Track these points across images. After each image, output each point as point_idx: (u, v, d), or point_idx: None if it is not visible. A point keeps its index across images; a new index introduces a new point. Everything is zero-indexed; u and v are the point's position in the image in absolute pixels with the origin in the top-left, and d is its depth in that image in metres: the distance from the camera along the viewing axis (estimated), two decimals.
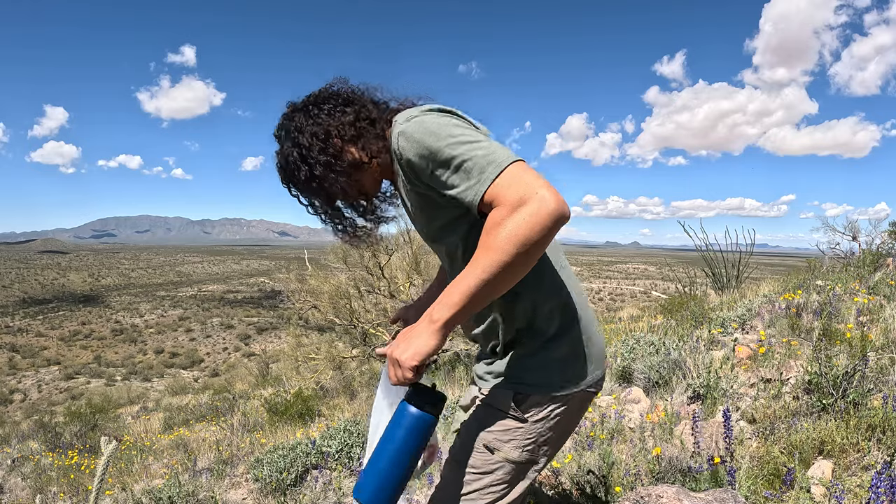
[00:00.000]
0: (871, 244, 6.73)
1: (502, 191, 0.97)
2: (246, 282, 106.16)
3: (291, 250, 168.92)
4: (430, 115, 1.10)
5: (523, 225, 0.94)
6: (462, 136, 1.04)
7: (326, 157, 1.20)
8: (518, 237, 0.95)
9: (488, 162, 1.00)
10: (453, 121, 1.08)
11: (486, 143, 1.03)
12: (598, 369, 1.26)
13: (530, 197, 0.95)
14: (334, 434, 3.68)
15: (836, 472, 2.09)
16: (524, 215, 0.94)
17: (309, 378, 9.71)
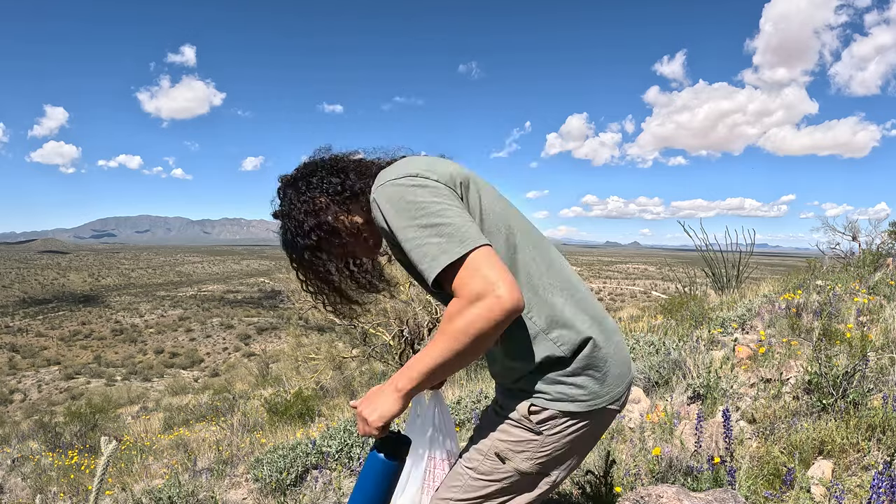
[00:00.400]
0: (871, 244, 6.73)
1: (460, 283, 1.02)
2: (246, 282, 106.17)
3: None
4: (396, 184, 1.13)
5: (478, 320, 1.00)
6: (424, 216, 1.07)
7: (321, 231, 1.26)
8: (472, 330, 1.01)
9: (446, 249, 1.03)
10: (417, 194, 1.10)
11: (448, 223, 1.06)
12: (618, 386, 1.22)
13: (487, 294, 0.99)
14: (334, 434, 3.68)
15: (836, 472, 2.09)
16: (480, 310, 1.00)
17: (309, 378, 9.71)
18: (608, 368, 1.20)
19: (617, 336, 1.26)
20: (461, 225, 1.06)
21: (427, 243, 1.05)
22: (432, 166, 1.17)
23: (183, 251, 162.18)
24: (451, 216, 1.07)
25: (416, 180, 1.12)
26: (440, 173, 1.16)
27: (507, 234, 1.19)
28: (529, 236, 1.24)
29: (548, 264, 1.23)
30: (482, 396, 4.20)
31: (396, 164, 1.21)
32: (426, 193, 1.10)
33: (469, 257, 1.02)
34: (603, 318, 1.24)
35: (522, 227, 1.24)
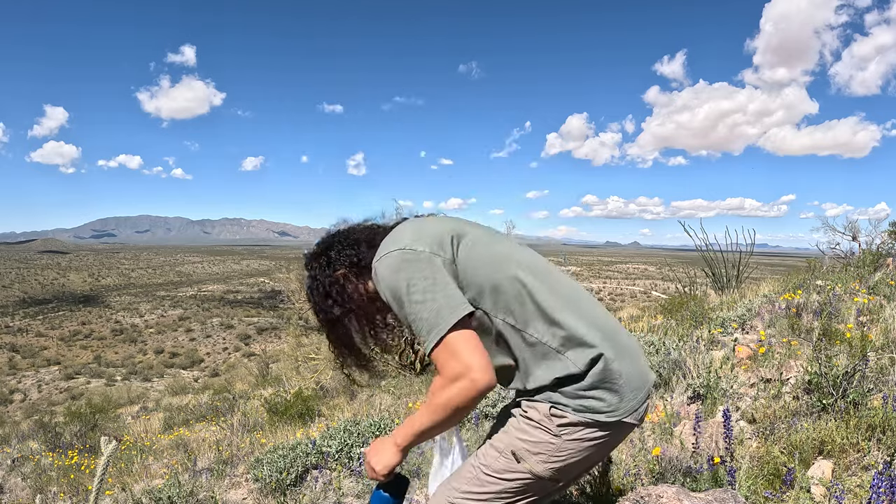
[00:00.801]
0: (871, 244, 6.73)
1: (443, 362, 1.17)
2: (246, 282, 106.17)
3: (291, 250, 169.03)
4: (388, 258, 1.26)
5: (456, 398, 1.15)
6: (413, 293, 1.20)
7: (341, 302, 1.39)
8: (451, 406, 1.17)
9: (431, 326, 1.18)
10: (404, 269, 1.23)
11: (431, 299, 1.19)
12: (633, 400, 1.25)
13: (463, 375, 1.14)
14: (334, 434, 3.68)
15: (836, 472, 2.09)
16: (458, 390, 1.15)
17: (309, 378, 9.71)
18: (623, 382, 1.24)
19: (631, 351, 1.30)
20: (442, 303, 1.18)
21: (418, 319, 1.19)
22: (420, 234, 1.29)
23: (183, 251, 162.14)
24: (433, 292, 1.19)
25: (406, 254, 1.25)
26: (428, 241, 1.27)
27: (512, 273, 1.27)
28: (535, 267, 1.31)
29: (556, 289, 1.29)
30: None
31: (392, 234, 1.34)
32: (412, 268, 1.23)
33: (448, 338, 1.16)
34: (615, 334, 1.29)
35: (526, 261, 1.32)
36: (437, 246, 1.27)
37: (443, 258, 1.25)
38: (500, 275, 1.27)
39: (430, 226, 1.33)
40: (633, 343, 1.34)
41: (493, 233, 1.40)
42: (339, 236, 1.45)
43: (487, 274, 1.26)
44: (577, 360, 1.22)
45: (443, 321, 1.16)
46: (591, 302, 1.34)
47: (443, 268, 1.23)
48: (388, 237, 1.34)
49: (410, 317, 1.20)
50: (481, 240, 1.33)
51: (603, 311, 1.35)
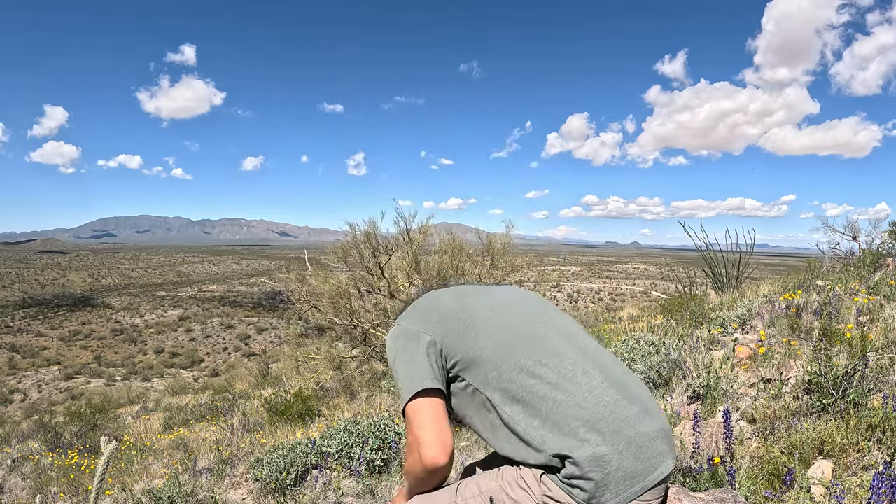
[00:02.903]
0: (871, 244, 6.73)
1: (406, 432, 1.32)
2: (246, 282, 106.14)
3: (291, 250, 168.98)
4: (392, 333, 1.44)
5: (412, 468, 1.30)
6: (396, 367, 1.37)
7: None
8: (410, 475, 1.33)
9: (401, 393, 1.32)
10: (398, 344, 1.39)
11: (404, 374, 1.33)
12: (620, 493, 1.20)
13: (414, 450, 1.26)
14: (334, 434, 3.68)
15: (836, 472, 2.09)
16: (412, 461, 1.28)
17: (309, 378, 9.70)
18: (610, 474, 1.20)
19: (638, 443, 1.23)
20: (408, 378, 1.31)
21: (397, 383, 1.36)
22: (419, 316, 1.43)
23: (183, 251, 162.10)
24: (408, 365, 1.33)
25: (397, 329, 1.43)
26: (424, 323, 1.40)
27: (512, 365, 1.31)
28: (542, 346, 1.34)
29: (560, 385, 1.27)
30: None
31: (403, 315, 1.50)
32: (400, 344, 1.39)
33: (408, 406, 1.29)
34: (621, 427, 1.23)
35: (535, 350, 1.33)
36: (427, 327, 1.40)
37: (428, 335, 1.38)
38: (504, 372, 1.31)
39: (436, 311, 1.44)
40: (648, 429, 1.26)
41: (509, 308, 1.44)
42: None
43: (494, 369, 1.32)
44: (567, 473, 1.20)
45: (405, 393, 1.29)
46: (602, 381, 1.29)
47: (426, 346, 1.35)
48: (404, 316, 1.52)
49: (395, 377, 1.38)
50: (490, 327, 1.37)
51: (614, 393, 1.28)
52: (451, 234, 10.46)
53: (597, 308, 47.88)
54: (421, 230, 9.80)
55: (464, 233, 13.36)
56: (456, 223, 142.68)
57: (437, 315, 1.41)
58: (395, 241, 9.73)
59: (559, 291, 63.44)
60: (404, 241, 9.70)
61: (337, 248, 10.03)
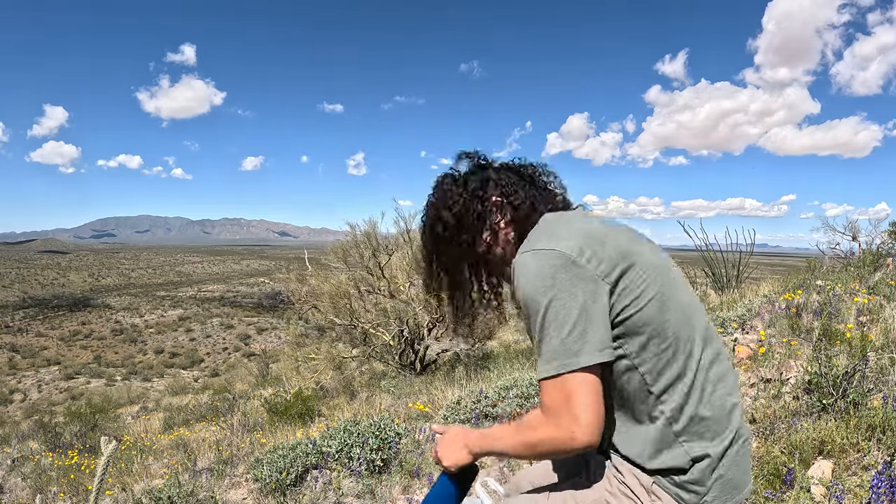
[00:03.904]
0: (871, 244, 6.73)
1: (550, 401, 1.04)
2: (246, 282, 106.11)
3: (291, 250, 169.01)
4: (540, 258, 1.05)
5: (547, 445, 1.05)
6: (552, 311, 1.02)
7: (479, 230, 1.22)
8: (540, 449, 1.07)
9: (556, 356, 1.02)
10: (562, 282, 1.02)
11: (570, 329, 1.01)
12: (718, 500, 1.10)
13: (565, 426, 1.02)
14: (334, 434, 3.68)
15: (836, 472, 2.09)
16: (552, 439, 1.04)
17: (309, 378, 9.71)
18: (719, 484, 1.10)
19: (747, 449, 1.15)
20: (579, 335, 1.01)
21: (546, 339, 1.03)
22: (592, 243, 1.06)
23: (183, 251, 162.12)
24: (574, 321, 1.01)
25: (563, 259, 1.03)
26: (600, 256, 1.05)
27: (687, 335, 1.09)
28: (708, 335, 1.14)
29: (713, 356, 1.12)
30: (482, 396, 4.20)
31: (554, 221, 1.14)
32: (565, 283, 1.02)
33: (566, 378, 1.01)
34: (740, 425, 1.14)
35: (703, 324, 1.14)
36: (608, 268, 1.05)
37: (604, 285, 1.04)
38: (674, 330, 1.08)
39: (610, 238, 1.09)
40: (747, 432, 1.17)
41: (668, 265, 1.15)
42: (523, 172, 1.24)
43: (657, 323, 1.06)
44: (692, 454, 1.08)
45: (572, 357, 1.00)
46: (730, 368, 1.17)
47: (600, 295, 1.03)
48: (548, 222, 1.14)
49: (537, 334, 1.04)
50: (658, 275, 1.09)
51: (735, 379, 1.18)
52: None
53: None
54: None
55: None
56: None
57: (604, 254, 1.06)
58: (395, 241, 9.74)
59: None
60: (404, 241, 9.70)
61: (337, 249, 10.04)
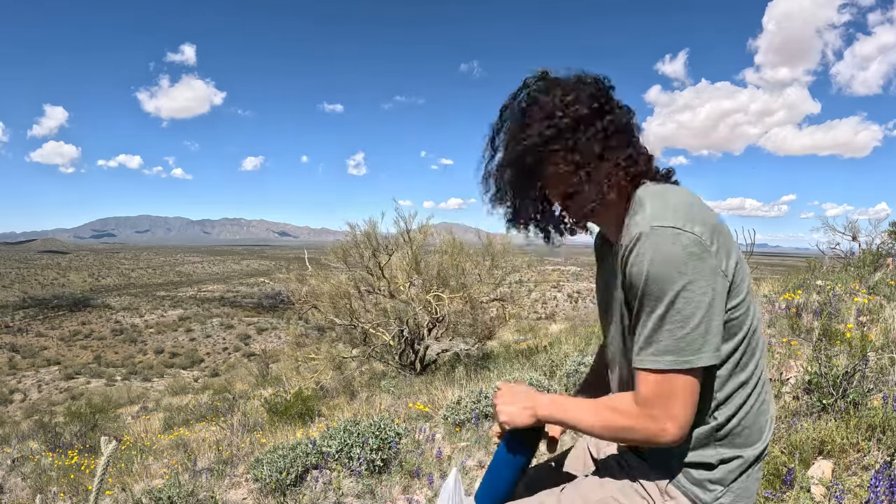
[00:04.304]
0: (871, 244, 6.72)
1: (650, 393, 0.99)
2: (246, 282, 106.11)
3: (291, 250, 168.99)
4: (677, 236, 0.95)
5: (635, 434, 1.02)
6: (681, 301, 0.94)
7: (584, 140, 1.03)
8: (622, 435, 1.05)
9: (669, 351, 0.96)
10: (696, 270, 0.94)
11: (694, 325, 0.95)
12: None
13: (660, 421, 0.99)
14: (334, 434, 3.68)
15: (836, 472, 2.09)
16: (643, 429, 1.01)
17: (309, 378, 9.71)
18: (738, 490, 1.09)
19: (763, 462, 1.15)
20: (700, 334, 0.95)
21: (660, 330, 0.96)
22: (715, 232, 0.98)
23: (183, 251, 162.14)
24: (700, 319, 0.95)
25: (698, 247, 0.95)
26: (722, 247, 0.98)
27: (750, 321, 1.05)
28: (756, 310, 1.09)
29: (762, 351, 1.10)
30: (482, 396, 4.20)
31: (678, 198, 1.02)
32: (698, 272, 0.94)
33: (675, 376, 0.97)
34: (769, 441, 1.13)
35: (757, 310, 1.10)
36: (725, 258, 0.98)
37: (727, 280, 0.98)
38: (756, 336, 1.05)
39: (714, 217, 1.01)
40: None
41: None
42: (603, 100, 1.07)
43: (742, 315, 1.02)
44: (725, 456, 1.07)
45: (690, 356, 0.95)
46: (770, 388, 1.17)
47: (723, 293, 0.97)
48: (668, 193, 1.03)
49: (654, 321, 0.97)
50: (747, 272, 1.05)
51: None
52: (451, 234, 10.47)
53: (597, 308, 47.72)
54: (421, 230, 9.80)
55: (464, 233, 13.37)
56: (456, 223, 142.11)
57: (726, 242, 1.00)
58: (395, 241, 9.74)
59: (559, 291, 63.39)
60: (404, 241, 9.71)
61: (337, 249, 10.04)
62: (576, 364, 4.83)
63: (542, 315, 48.26)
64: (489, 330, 10.22)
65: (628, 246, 0.99)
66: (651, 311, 0.97)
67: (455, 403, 4.24)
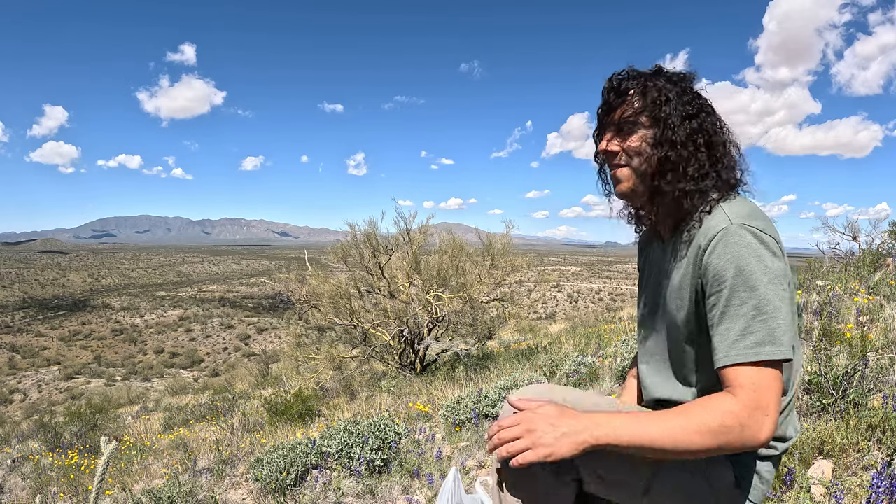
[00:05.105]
0: (871, 244, 6.72)
1: (746, 386, 0.94)
2: (246, 282, 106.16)
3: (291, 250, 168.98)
4: (760, 236, 0.99)
5: (726, 437, 0.93)
6: (769, 295, 0.95)
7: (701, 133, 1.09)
8: (721, 440, 0.93)
9: (765, 341, 0.95)
10: (777, 268, 0.97)
11: (777, 316, 0.96)
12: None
13: (753, 418, 0.93)
14: (334, 434, 3.68)
15: (836, 472, 2.09)
16: (737, 431, 0.93)
17: (309, 378, 9.71)
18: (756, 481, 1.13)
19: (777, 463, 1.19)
20: (788, 326, 0.96)
21: (750, 321, 0.95)
22: (774, 229, 1.04)
23: (183, 251, 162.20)
24: (784, 312, 0.97)
25: (777, 247, 1.00)
26: (785, 253, 1.03)
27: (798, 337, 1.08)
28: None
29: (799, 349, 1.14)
30: (482, 396, 4.20)
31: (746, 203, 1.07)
32: (779, 271, 0.98)
33: (770, 369, 0.95)
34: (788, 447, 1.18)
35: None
36: (787, 264, 1.03)
37: (792, 285, 1.03)
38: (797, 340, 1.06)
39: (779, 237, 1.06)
40: None
41: None
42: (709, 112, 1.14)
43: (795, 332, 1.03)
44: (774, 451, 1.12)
45: (781, 348, 0.94)
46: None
47: (793, 295, 1.02)
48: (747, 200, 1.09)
49: (740, 313, 0.96)
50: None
51: None
52: (452, 234, 10.47)
53: (597, 308, 47.86)
54: (421, 230, 9.81)
55: (464, 233, 13.37)
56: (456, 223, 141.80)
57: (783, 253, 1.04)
58: (395, 241, 9.74)
59: (559, 291, 63.37)
60: (404, 241, 9.71)
61: (337, 249, 10.04)
62: (576, 364, 4.83)
63: (542, 315, 48.25)
64: (489, 330, 10.23)
65: (711, 240, 1.01)
66: (742, 304, 0.96)
67: (455, 403, 4.24)
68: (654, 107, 1.09)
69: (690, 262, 1.05)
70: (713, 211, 1.05)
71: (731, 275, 0.97)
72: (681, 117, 1.07)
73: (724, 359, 0.97)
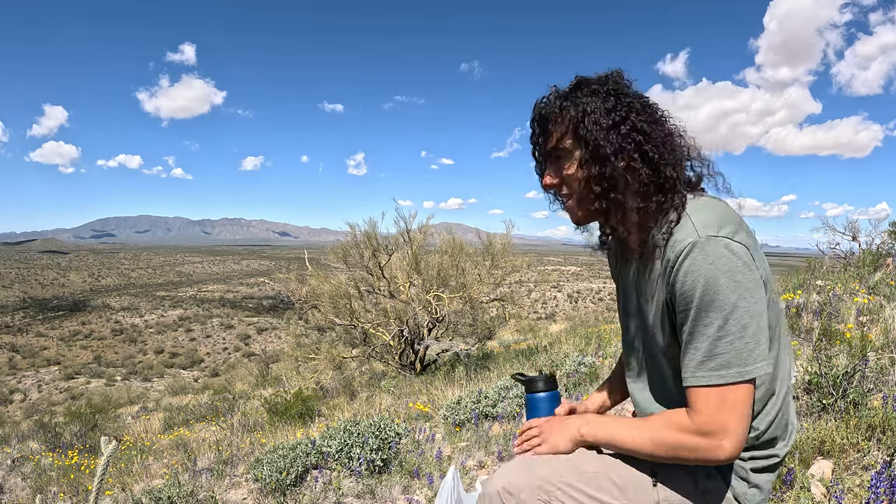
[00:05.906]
0: (871, 244, 6.72)
1: (705, 407, 0.96)
2: (246, 282, 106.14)
3: (291, 250, 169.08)
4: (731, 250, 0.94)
5: (688, 452, 0.99)
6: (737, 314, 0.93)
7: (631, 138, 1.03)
8: (675, 454, 1.01)
9: (729, 363, 0.94)
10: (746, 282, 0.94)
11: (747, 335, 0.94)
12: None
13: (715, 436, 0.96)
14: (334, 434, 3.68)
15: (836, 472, 2.09)
16: (696, 447, 0.98)
17: (309, 378, 9.71)
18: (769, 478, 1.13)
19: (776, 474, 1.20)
20: (759, 341, 0.95)
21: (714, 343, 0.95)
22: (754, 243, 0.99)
23: (183, 251, 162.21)
24: (755, 328, 0.94)
25: (746, 259, 0.95)
26: (760, 257, 0.99)
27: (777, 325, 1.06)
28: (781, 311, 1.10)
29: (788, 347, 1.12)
30: (482, 396, 4.20)
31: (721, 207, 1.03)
32: (748, 285, 0.94)
33: (735, 388, 0.95)
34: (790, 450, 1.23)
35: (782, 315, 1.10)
36: (766, 274, 1.00)
37: (766, 290, 0.99)
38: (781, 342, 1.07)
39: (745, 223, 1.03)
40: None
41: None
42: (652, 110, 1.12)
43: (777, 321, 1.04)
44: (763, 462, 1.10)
45: (749, 367, 0.94)
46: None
47: (765, 299, 0.98)
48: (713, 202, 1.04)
49: (706, 334, 0.95)
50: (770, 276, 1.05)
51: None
52: (451, 234, 10.47)
53: (597, 308, 47.85)
54: (421, 230, 9.81)
55: (464, 233, 13.37)
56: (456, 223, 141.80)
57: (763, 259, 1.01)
58: (395, 241, 9.74)
59: (559, 291, 63.39)
60: (404, 241, 9.71)
61: (337, 249, 10.04)
62: (576, 364, 4.83)
63: (542, 315, 48.22)
64: (489, 330, 10.23)
65: (678, 256, 0.97)
66: (708, 325, 0.95)
67: (455, 403, 4.24)
68: (574, 126, 1.04)
69: (661, 278, 1.03)
70: (681, 219, 1.00)
71: (699, 294, 0.94)
72: (605, 128, 1.02)
73: (690, 379, 0.98)
